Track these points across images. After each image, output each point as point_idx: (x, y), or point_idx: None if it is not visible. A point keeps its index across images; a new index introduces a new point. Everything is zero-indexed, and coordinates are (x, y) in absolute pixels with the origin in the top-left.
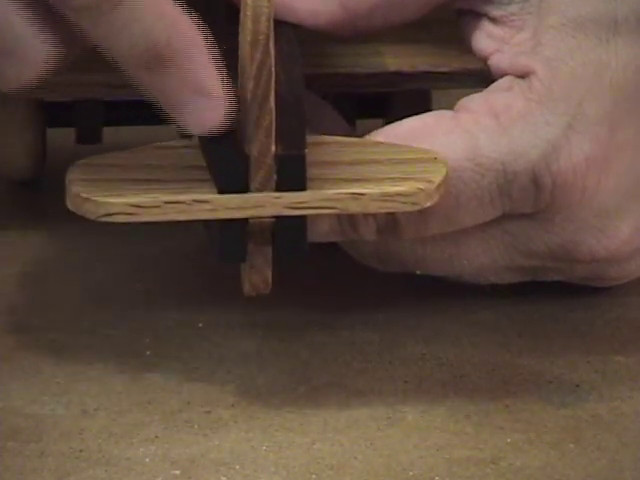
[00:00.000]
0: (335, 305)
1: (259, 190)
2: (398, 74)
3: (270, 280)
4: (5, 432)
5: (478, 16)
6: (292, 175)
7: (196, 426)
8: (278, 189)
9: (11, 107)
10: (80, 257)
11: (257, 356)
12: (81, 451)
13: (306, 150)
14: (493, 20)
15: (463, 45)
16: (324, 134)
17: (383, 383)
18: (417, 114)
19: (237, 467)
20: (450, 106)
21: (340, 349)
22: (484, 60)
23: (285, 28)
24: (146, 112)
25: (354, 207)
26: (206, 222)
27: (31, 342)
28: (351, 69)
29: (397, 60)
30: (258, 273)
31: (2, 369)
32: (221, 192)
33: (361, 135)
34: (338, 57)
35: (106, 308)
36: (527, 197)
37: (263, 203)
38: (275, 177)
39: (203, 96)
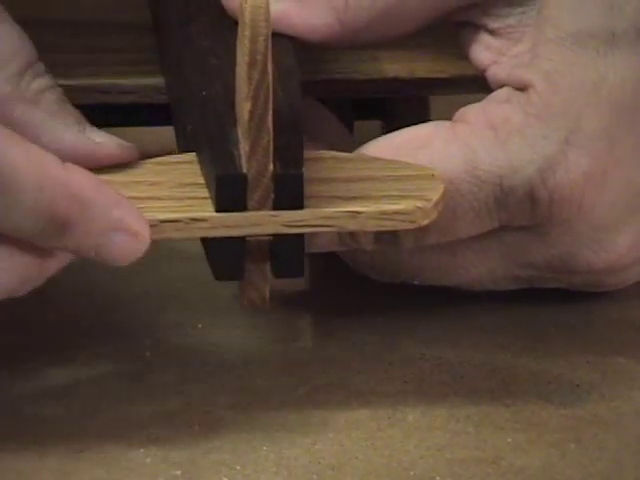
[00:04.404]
0: (335, 307)
1: (257, 208)
2: (396, 80)
3: (267, 296)
4: (5, 433)
5: (476, 28)
6: (290, 194)
7: (197, 427)
8: (276, 207)
9: None
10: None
11: (257, 356)
12: (81, 452)
13: (304, 168)
14: (491, 32)
15: (461, 51)
16: (319, 137)
17: (383, 383)
18: (415, 116)
19: (238, 467)
20: (448, 110)
21: (340, 350)
22: (482, 72)
23: (283, 39)
24: (149, 114)
25: (351, 225)
26: (204, 239)
27: (31, 342)
28: (349, 75)
29: (395, 66)
30: (255, 290)
31: (2, 369)
32: (219, 210)
33: (359, 140)
34: (336, 63)
35: (106, 309)
36: (523, 211)
37: (261, 221)
38: (273, 195)
39: (118, 232)
